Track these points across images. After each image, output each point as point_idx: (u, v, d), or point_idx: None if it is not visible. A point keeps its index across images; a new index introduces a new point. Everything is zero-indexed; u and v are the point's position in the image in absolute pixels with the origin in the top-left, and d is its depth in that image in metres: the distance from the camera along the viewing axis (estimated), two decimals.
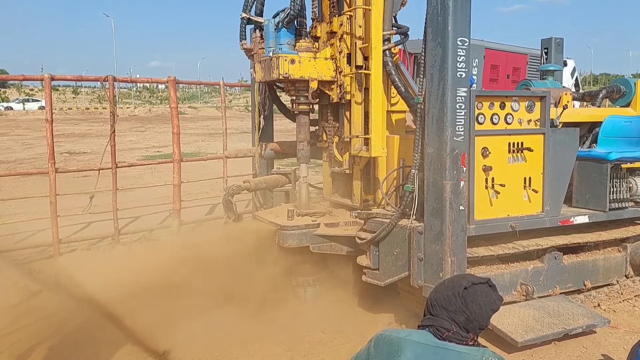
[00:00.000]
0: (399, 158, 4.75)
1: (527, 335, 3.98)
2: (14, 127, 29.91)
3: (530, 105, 4.49)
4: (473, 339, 2.19)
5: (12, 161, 15.80)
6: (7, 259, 6.35)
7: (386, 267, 4.41)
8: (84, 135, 25.02)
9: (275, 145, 6.09)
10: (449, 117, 3.83)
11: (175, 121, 7.38)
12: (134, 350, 4.10)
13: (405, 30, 4.80)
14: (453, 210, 3.88)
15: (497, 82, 11.96)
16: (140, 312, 4.57)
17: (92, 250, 6.84)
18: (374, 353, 2.23)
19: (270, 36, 5.10)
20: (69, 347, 4.17)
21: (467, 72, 3.88)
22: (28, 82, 57.69)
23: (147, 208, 8.72)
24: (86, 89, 63.85)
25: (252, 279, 5.01)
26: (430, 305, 2.27)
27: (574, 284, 4.80)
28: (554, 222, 4.63)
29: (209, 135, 25.44)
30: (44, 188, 7.31)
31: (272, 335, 4.33)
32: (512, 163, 4.40)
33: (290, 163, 10.02)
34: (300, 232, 4.79)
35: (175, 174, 7.44)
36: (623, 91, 6.00)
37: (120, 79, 7.73)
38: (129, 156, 15.76)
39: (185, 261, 4.92)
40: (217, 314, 4.68)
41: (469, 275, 2.38)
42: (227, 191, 5.50)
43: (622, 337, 4.35)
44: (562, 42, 7.81)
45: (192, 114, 42.89)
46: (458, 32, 3.81)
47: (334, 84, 5.04)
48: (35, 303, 4.95)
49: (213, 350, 4.10)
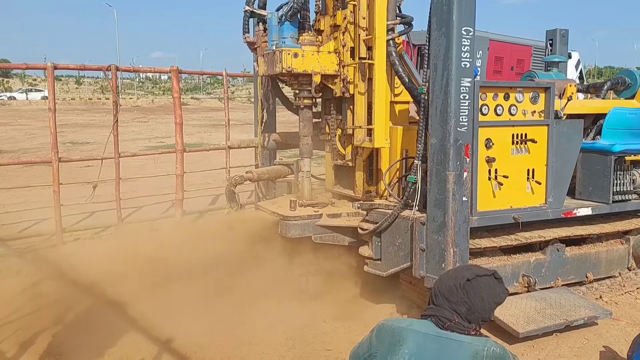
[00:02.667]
0: (402, 149, 4.74)
1: (528, 326, 3.99)
2: (17, 117, 29.94)
3: (535, 97, 4.47)
4: (475, 329, 2.18)
5: (16, 151, 15.83)
6: (11, 247, 6.38)
7: (388, 258, 4.41)
8: (86, 125, 25.04)
9: (277, 136, 6.08)
10: (453, 108, 3.82)
11: (178, 111, 7.38)
12: (136, 338, 4.12)
13: (409, 20, 4.76)
14: (456, 202, 3.88)
15: (501, 74, 11.87)
16: (143, 300, 4.59)
17: (95, 239, 6.87)
18: (376, 343, 2.23)
19: (273, 29, 5.08)
20: (72, 334, 4.20)
21: (472, 63, 3.85)
22: (31, 72, 57.81)
23: (149, 198, 8.75)
24: (89, 79, 63.83)
25: (254, 268, 5.02)
26: (433, 295, 2.27)
27: (576, 276, 4.81)
28: (557, 214, 4.63)
29: (211, 126, 25.43)
30: (47, 177, 7.33)
31: (274, 325, 4.35)
32: (516, 154, 4.39)
33: (293, 154, 10.02)
34: (303, 223, 4.80)
35: (178, 164, 7.44)
36: (628, 83, 5.97)
37: (123, 69, 7.71)
38: (131, 146, 15.77)
39: (187, 250, 4.93)
40: (219, 303, 4.70)
41: (475, 267, 2.35)
42: (230, 182, 5.50)
43: (623, 329, 4.35)
44: (567, 34, 7.76)
45: (194, 105, 42.85)
46: (463, 21, 3.79)
47: (337, 77, 5.02)
48: (38, 291, 4.97)
49: (215, 339, 4.12)
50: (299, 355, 3.92)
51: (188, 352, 3.94)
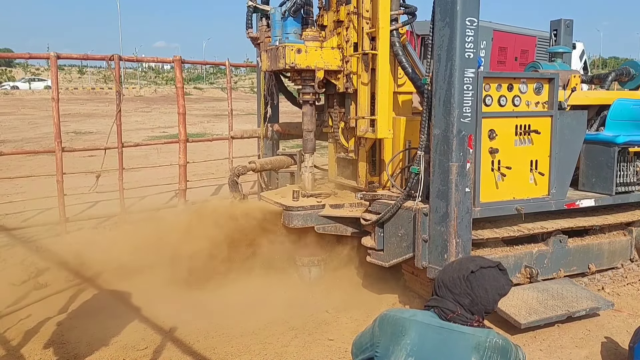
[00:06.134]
0: (405, 140, 4.74)
1: (530, 317, 3.99)
2: (20, 106, 29.92)
3: (539, 88, 4.45)
4: (478, 321, 2.18)
5: (19, 140, 15.84)
6: (15, 236, 6.41)
7: (391, 248, 4.42)
8: (89, 115, 25.02)
9: (280, 127, 6.08)
10: (456, 99, 3.80)
11: (181, 101, 7.36)
12: (140, 327, 4.15)
13: (413, 10, 4.74)
14: (459, 192, 3.88)
15: (504, 65, 11.82)
16: (146, 289, 4.62)
17: (99, 228, 6.89)
18: (378, 333, 2.24)
19: (276, 25, 5.06)
20: (75, 323, 4.23)
21: (475, 53, 3.83)
22: (34, 61, 57.77)
23: (153, 188, 8.77)
24: (92, 69, 63.66)
25: (256, 259, 5.04)
26: (437, 286, 2.27)
27: (578, 267, 4.81)
28: (560, 205, 4.62)
29: (214, 116, 25.38)
30: (51, 167, 7.34)
31: (276, 314, 4.37)
32: (519, 145, 4.38)
33: (296, 145, 10.01)
34: (306, 213, 4.81)
35: (181, 154, 7.44)
36: (632, 74, 5.94)
37: (126, 58, 7.68)
38: (134, 136, 15.77)
39: (189, 239, 4.94)
40: (222, 292, 4.73)
41: (479, 258, 2.34)
42: (233, 172, 5.50)
43: (625, 320, 4.36)
44: (572, 24, 7.69)
45: (197, 95, 42.74)
46: (467, 11, 3.76)
47: (341, 73, 5.02)
48: (42, 280, 5.00)
49: (218, 328, 4.14)
50: (301, 345, 3.94)
51: (191, 341, 3.97)
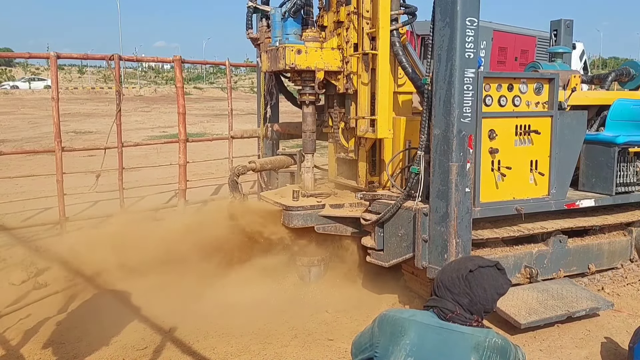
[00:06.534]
0: (405, 140, 4.73)
1: (530, 317, 3.99)
2: (20, 106, 29.89)
3: (539, 88, 4.45)
4: (477, 321, 2.19)
5: (19, 140, 15.83)
6: (15, 236, 6.40)
7: (391, 248, 4.42)
8: (89, 114, 25.01)
9: (280, 127, 6.08)
10: (457, 99, 3.80)
11: (181, 101, 7.35)
12: (139, 327, 4.15)
13: (413, 10, 4.74)
14: (459, 193, 3.88)
15: (504, 65, 11.83)
16: (146, 289, 4.62)
17: (99, 228, 6.88)
18: (378, 333, 2.24)
19: (276, 25, 5.06)
20: (75, 323, 4.23)
21: (476, 53, 3.83)
22: (34, 61, 57.73)
23: (152, 188, 8.77)
24: (92, 68, 63.64)
25: (256, 258, 5.04)
26: (436, 286, 2.27)
27: (578, 268, 4.81)
28: (560, 205, 4.62)
29: (214, 116, 25.38)
30: (51, 167, 7.34)
31: (276, 314, 4.37)
32: (519, 146, 4.38)
33: (296, 144, 10.01)
34: (306, 213, 4.81)
35: (181, 154, 7.43)
36: (632, 74, 5.94)
37: (126, 58, 7.68)
38: (134, 136, 15.77)
39: (189, 238, 4.95)
40: (221, 292, 4.72)
41: (477, 258, 2.34)
42: (233, 171, 5.50)
43: (625, 321, 4.36)
44: (572, 24, 7.69)
45: (197, 94, 42.73)
46: (467, 11, 3.76)
47: (341, 74, 5.01)
48: (42, 280, 5.00)
49: (218, 328, 4.14)
50: (301, 345, 3.94)
51: (191, 341, 3.97)
